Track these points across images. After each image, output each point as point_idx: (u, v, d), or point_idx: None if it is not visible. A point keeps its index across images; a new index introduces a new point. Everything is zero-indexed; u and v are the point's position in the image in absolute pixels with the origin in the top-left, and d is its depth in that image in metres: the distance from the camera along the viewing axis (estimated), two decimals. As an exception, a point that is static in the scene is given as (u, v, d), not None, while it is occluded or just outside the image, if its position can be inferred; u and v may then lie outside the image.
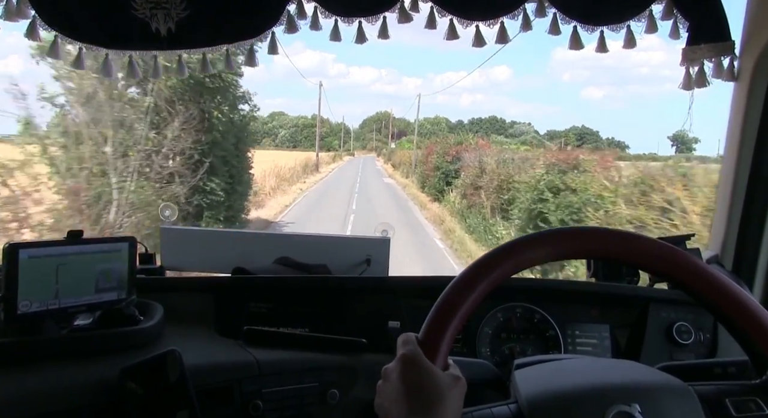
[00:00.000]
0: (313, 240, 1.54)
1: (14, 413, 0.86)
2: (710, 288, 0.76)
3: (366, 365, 1.10)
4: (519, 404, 0.77)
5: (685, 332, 1.29)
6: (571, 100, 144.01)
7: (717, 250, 1.43)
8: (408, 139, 69.07)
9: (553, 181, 9.42)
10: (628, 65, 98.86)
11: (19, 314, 0.99)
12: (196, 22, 1.31)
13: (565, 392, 0.77)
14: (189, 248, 1.51)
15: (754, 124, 1.31)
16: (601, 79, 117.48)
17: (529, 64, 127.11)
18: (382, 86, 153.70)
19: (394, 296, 1.30)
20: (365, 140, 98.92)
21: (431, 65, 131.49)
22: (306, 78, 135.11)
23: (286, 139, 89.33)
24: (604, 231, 0.81)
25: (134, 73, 1.39)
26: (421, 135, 78.58)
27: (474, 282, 0.77)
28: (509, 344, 1.30)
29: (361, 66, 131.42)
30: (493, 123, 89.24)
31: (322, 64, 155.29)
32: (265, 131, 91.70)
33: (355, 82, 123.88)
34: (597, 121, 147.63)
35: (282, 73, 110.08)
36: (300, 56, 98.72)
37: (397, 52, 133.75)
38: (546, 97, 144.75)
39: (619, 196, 7.53)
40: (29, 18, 1.29)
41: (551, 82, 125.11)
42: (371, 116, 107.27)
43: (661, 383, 0.78)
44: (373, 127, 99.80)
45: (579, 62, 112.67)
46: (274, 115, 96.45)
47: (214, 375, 1.03)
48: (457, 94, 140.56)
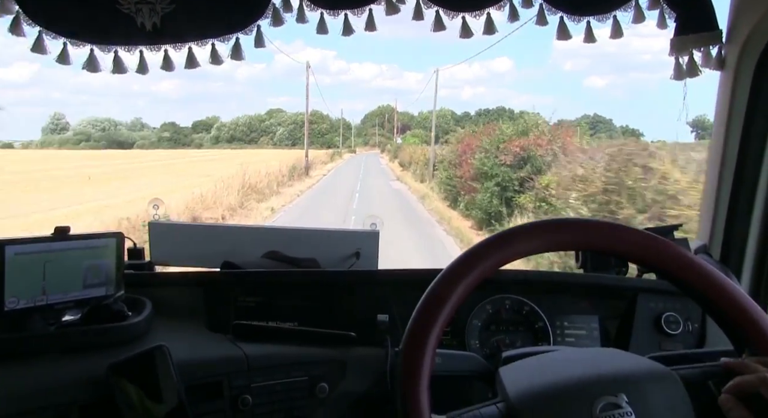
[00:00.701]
0: (302, 234, 1.53)
1: (2, 409, 0.87)
2: (696, 278, 0.77)
3: (355, 358, 1.10)
4: (507, 403, 0.77)
5: (673, 322, 1.29)
6: (575, 89, 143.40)
7: (705, 240, 1.44)
8: (413, 134, 64.77)
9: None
10: (630, 52, 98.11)
11: (6, 311, 0.99)
12: (182, 16, 1.31)
13: (551, 387, 0.77)
14: (177, 242, 1.51)
15: (740, 113, 1.31)
16: (603, 68, 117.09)
17: (530, 54, 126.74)
18: (383, 81, 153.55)
19: (383, 290, 1.31)
20: (367, 136, 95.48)
21: (432, 59, 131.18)
22: (313, 73, 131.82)
23: (285, 138, 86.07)
24: (591, 222, 0.82)
25: (120, 68, 1.38)
26: (426, 129, 73.36)
27: (462, 274, 0.78)
28: (498, 336, 1.30)
29: (361, 62, 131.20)
30: (501, 114, 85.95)
31: (323, 61, 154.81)
32: (262, 129, 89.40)
33: (357, 78, 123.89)
34: (603, 109, 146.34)
35: (283, 71, 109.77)
36: (300, 54, 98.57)
37: (397, 47, 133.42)
38: (549, 87, 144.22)
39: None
40: (12, 13, 1.29)
41: (553, 72, 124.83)
42: (373, 110, 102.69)
43: (646, 369, 0.79)
44: (375, 122, 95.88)
45: (580, 50, 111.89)
46: (272, 113, 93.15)
47: (203, 370, 1.03)
48: (458, 87, 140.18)
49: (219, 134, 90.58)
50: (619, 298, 1.34)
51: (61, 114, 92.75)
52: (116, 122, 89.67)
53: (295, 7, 1.36)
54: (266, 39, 1.40)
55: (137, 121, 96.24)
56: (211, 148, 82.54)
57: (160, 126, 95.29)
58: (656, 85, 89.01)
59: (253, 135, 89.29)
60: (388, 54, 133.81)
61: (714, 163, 1.39)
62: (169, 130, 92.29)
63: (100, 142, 79.49)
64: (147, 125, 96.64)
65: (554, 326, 1.30)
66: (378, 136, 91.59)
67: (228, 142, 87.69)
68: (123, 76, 1.44)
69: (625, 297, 1.33)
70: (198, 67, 1.41)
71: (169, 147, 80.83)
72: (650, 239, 0.79)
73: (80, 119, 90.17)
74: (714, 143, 1.40)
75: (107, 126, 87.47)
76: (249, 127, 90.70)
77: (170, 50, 1.38)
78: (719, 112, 1.37)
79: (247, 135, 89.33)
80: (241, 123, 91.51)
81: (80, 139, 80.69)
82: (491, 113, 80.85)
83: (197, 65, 1.43)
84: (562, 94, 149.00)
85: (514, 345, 1.28)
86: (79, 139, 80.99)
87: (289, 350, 1.10)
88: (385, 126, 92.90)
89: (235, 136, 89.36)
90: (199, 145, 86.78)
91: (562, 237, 0.81)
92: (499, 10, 1.36)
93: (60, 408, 0.90)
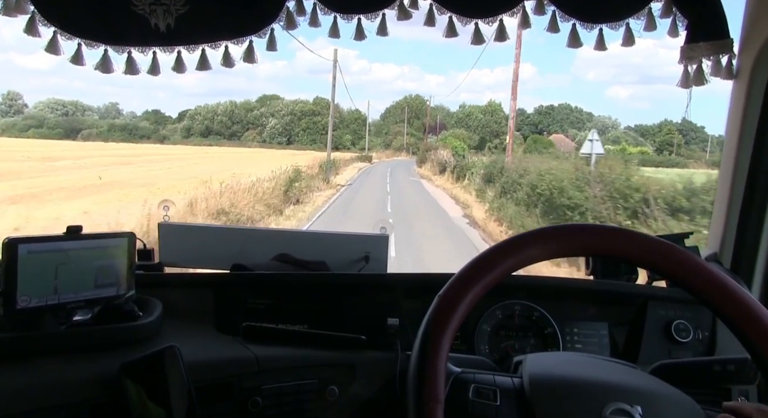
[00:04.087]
0: (312, 237, 1.54)
1: (13, 408, 0.87)
2: (710, 285, 0.76)
3: (365, 361, 1.10)
4: (522, 380, 0.80)
5: (683, 330, 1.29)
6: (597, 99, 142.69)
7: (716, 248, 1.44)
8: (453, 135, 50.22)
9: None
10: (656, 63, 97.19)
11: (18, 309, 0.99)
12: (195, 18, 1.31)
13: (568, 378, 0.80)
14: (187, 244, 1.51)
15: (752, 123, 1.31)
16: (627, 78, 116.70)
17: (552, 62, 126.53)
18: (404, 83, 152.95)
19: (392, 293, 1.31)
20: (389, 135, 69.24)
21: (453, 63, 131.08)
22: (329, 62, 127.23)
23: (277, 133, 66.78)
24: (602, 228, 0.82)
25: (133, 69, 1.39)
26: (470, 128, 56.39)
27: (474, 279, 0.78)
28: (508, 341, 1.30)
29: (383, 63, 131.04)
30: (568, 114, 66.08)
31: (345, 60, 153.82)
32: (249, 121, 69.30)
33: (378, 78, 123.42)
34: (629, 118, 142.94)
35: (305, 68, 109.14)
36: (322, 52, 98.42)
37: (419, 49, 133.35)
38: (571, 95, 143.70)
39: None
40: (28, 14, 1.29)
41: (575, 80, 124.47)
42: (398, 102, 75.46)
43: (668, 393, 0.80)
44: (404, 116, 69.44)
45: (604, 60, 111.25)
46: (265, 100, 72.09)
47: (213, 371, 1.03)
48: (479, 92, 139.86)
49: (192, 125, 70.65)
50: (629, 305, 1.33)
51: (17, 94, 77.24)
52: (85, 107, 74.78)
53: (309, 11, 1.37)
54: (289, 34, 1.38)
55: (112, 107, 78.77)
56: (177, 143, 63.02)
57: (142, 113, 78.42)
58: (679, 96, 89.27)
59: (235, 127, 69.90)
60: (410, 55, 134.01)
61: (726, 172, 1.39)
62: (149, 119, 74.70)
63: (54, 129, 64.87)
64: (122, 112, 79.77)
65: (564, 332, 1.30)
66: (407, 136, 66.98)
67: (202, 136, 68.08)
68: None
69: (635, 304, 1.33)
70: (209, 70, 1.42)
71: (121, 139, 62.18)
72: (663, 246, 0.79)
73: (37, 102, 73.97)
74: (726, 152, 1.40)
75: (71, 110, 72.17)
76: (231, 116, 69.98)
77: (183, 51, 1.39)
78: (731, 122, 1.37)
79: (227, 127, 69.68)
80: (220, 111, 70.25)
81: (29, 126, 65.56)
82: (555, 112, 64.53)
83: (209, 67, 1.44)
84: (587, 103, 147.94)
85: (523, 351, 1.28)
86: (29, 124, 66.06)
87: (299, 353, 1.10)
88: (413, 123, 69.70)
89: (212, 129, 69.59)
90: (161, 139, 66.60)
91: (573, 243, 0.81)
92: (512, 16, 1.37)
93: (71, 407, 0.90)
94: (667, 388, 0.82)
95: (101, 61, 1.37)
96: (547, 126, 59.90)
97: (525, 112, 66.87)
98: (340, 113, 65.57)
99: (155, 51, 1.38)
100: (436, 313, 0.77)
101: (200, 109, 72.74)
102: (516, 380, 0.81)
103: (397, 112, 72.50)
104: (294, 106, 68.66)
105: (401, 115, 70.97)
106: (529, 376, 0.79)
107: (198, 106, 73.30)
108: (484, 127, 58.84)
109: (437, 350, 0.75)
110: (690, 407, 0.77)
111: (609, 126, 63.28)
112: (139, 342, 1.05)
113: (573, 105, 67.54)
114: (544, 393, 0.76)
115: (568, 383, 0.78)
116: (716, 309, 0.78)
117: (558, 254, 0.82)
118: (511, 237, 0.82)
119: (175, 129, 71.94)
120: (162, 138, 67.84)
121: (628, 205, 9.62)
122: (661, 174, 12.62)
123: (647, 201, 9.17)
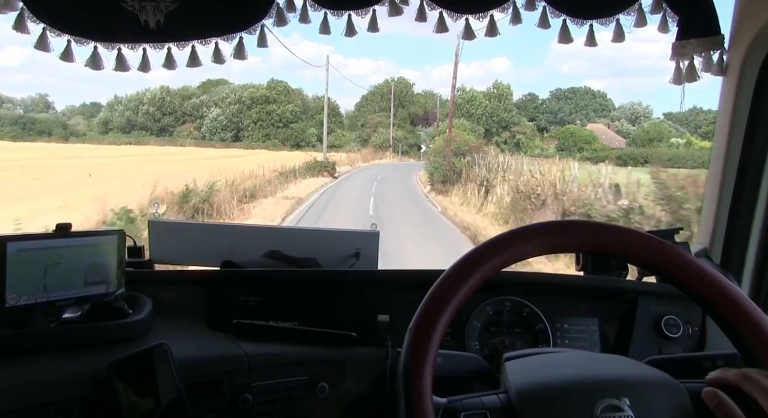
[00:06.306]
0: (303, 233, 1.54)
1: (2, 405, 0.86)
2: (699, 281, 0.77)
3: (355, 358, 1.10)
4: (508, 394, 0.79)
5: (673, 325, 1.29)
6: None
7: (706, 243, 1.44)
8: (457, 126, 33.20)
9: None
10: (628, 56, 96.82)
11: (7, 307, 0.99)
12: (185, 14, 1.31)
13: (554, 383, 0.78)
14: (177, 241, 1.51)
15: (742, 119, 1.31)
16: (600, 71, 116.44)
17: (527, 55, 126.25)
18: (381, 77, 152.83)
19: (383, 290, 1.31)
20: (366, 128, 50.88)
21: (428, 57, 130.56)
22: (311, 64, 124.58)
23: (220, 127, 51.58)
24: (594, 225, 0.82)
25: (123, 66, 1.38)
26: (473, 119, 44.63)
27: (464, 276, 0.78)
28: (498, 337, 1.30)
29: (359, 58, 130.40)
30: (590, 100, 51.97)
31: (320, 56, 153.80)
32: (185, 112, 54.16)
33: (353, 73, 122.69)
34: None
35: (280, 64, 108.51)
36: (298, 47, 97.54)
37: (394, 43, 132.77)
38: (547, 88, 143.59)
39: None
40: (17, 10, 1.29)
41: (550, 73, 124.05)
42: (377, 86, 56.90)
43: (651, 377, 0.79)
44: (387, 105, 52.16)
45: (579, 53, 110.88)
46: (209, 85, 55.76)
47: (204, 368, 1.03)
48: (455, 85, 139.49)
49: (110, 118, 54.69)
50: (619, 300, 1.34)
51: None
52: (3, 99, 58.71)
53: (299, 7, 1.36)
54: (273, 36, 1.37)
55: (41, 99, 62.87)
56: (89, 142, 47.97)
57: (79, 105, 62.17)
58: (652, 89, 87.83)
59: (166, 120, 54.14)
60: (386, 50, 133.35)
61: (716, 167, 1.39)
62: (84, 114, 59.21)
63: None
64: (52, 105, 62.80)
65: (554, 328, 1.30)
66: (395, 129, 49.05)
67: (124, 132, 52.75)
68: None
69: (625, 300, 1.33)
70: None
71: (10, 137, 46.23)
72: (653, 242, 0.80)
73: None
74: (716, 147, 1.40)
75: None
76: (161, 107, 54.13)
77: (173, 48, 1.38)
78: (721, 117, 1.37)
79: (156, 120, 53.88)
80: (146, 100, 54.24)
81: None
82: (577, 96, 51.50)
83: (199, 64, 1.43)
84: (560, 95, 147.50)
85: (513, 347, 1.28)
86: None
87: (290, 350, 1.10)
88: (397, 113, 51.69)
89: (135, 123, 53.72)
90: (64, 137, 49.42)
91: (563, 239, 0.81)
92: (503, 12, 1.37)
93: (61, 405, 0.90)
94: (650, 371, 0.82)
95: (91, 58, 1.37)
96: (569, 114, 48.19)
97: (537, 98, 54.47)
98: (303, 100, 52.84)
99: (145, 48, 1.37)
100: (425, 310, 0.78)
101: (122, 97, 56.37)
102: (502, 396, 0.79)
103: (377, 99, 55.28)
104: (242, 92, 51.87)
105: (381, 103, 54.01)
106: (515, 390, 0.78)
107: (123, 94, 56.41)
108: (490, 116, 46.99)
109: (427, 348, 0.75)
110: (674, 387, 0.77)
111: (641, 114, 50.83)
112: (129, 339, 1.05)
113: (595, 88, 54.45)
114: (533, 406, 0.75)
115: (553, 388, 0.77)
116: (705, 305, 0.78)
117: (549, 250, 0.82)
118: (502, 234, 0.82)
119: (90, 124, 56.39)
120: (68, 135, 51.39)
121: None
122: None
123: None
